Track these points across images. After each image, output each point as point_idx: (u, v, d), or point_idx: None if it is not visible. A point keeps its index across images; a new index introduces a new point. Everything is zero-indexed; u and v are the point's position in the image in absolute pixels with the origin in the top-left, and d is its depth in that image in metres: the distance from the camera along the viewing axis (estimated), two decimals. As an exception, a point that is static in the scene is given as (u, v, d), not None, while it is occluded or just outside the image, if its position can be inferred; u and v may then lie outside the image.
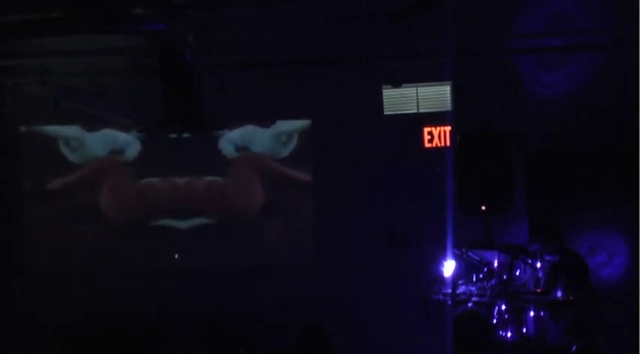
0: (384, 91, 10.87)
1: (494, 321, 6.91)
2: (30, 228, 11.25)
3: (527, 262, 7.09)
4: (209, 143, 11.13)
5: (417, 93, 10.91)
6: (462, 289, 7.29)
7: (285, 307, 10.08)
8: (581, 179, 9.50)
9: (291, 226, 11.13)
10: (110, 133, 11.20)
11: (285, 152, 11.17)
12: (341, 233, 10.65)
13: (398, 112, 10.96)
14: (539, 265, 7.05)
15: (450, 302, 7.20)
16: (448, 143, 10.63)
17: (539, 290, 6.90)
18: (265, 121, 11.17)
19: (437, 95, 10.94)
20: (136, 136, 11.12)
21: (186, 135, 10.94)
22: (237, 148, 11.26)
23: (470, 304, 7.17)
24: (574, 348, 6.25)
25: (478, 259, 7.36)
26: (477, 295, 7.17)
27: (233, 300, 10.18)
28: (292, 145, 11.20)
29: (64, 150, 11.23)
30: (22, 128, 11.23)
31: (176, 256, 11.19)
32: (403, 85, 10.56)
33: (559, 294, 6.82)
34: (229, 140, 11.22)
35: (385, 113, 10.96)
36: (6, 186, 11.14)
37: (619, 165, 9.22)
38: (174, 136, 10.99)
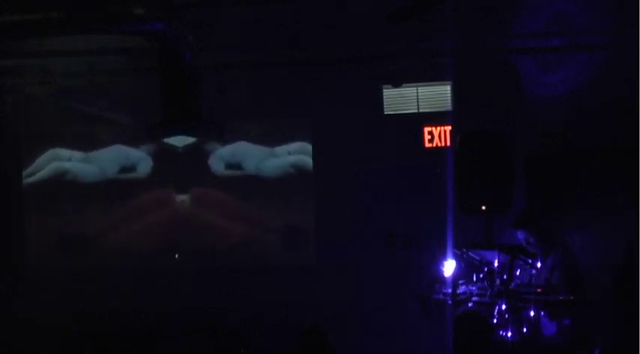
0: (384, 91, 10.88)
1: (495, 321, 6.89)
2: (30, 228, 11.26)
3: (528, 262, 7.08)
4: (200, 159, 11.08)
5: (417, 93, 10.92)
6: (462, 289, 7.27)
7: (286, 307, 10.08)
8: (581, 179, 9.48)
9: (292, 226, 11.13)
10: (122, 149, 11.18)
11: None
12: (341, 233, 10.65)
13: (398, 112, 10.98)
14: (539, 265, 7.05)
15: (450, 302, 7.19)
16: (448, 143, 10.64)
17: (539, 290, 6.89)
18: (259, 137, 11.12)
19: (437, 95, 10.95)
20: (147, 151, 11.07)
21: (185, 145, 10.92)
22: (227, 166, 11.20)
23: (470, 304, 7.15)
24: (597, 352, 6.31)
25: (478, 259, 7.34)
26: (477, 295, 7.15)
27: (233, 300, 10.18)
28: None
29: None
30: (22, 128, 11.23)
31: (176, 255, 11.19)
32: (403, 85, 10.58)
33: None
34: (220, 157, 11.15)
35: (385, 113, 10.98)
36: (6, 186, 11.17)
37: (619, 165, 9.19)
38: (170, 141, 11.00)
